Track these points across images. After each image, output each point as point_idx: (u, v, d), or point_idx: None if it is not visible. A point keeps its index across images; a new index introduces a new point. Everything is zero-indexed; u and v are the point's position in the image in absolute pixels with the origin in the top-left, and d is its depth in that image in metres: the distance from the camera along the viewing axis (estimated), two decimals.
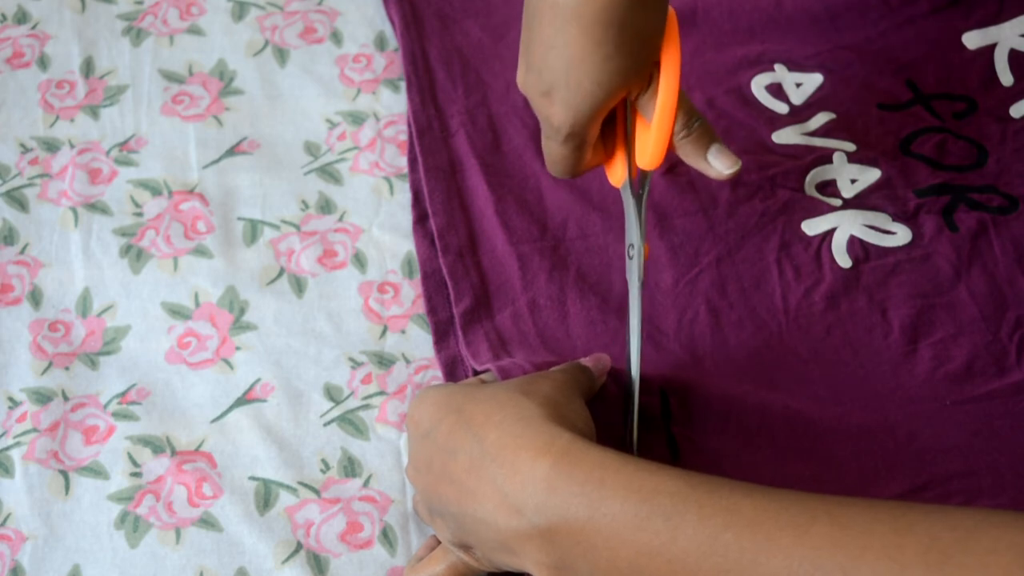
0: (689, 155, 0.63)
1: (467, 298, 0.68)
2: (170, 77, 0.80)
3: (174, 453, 0.65)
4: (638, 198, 0.62)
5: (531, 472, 0.50)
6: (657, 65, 0.59)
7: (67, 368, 0.67)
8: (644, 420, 0.62)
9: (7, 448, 0.65)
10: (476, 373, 0.66)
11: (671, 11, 0.59)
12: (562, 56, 0.57)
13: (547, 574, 0.50)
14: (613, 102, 0.59)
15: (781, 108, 0.76)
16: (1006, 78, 0.77)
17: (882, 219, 0.71)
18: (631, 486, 0.48)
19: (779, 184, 0.72)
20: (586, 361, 0.62)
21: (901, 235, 0.70)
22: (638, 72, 0.58)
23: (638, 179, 0.62)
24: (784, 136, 0.74)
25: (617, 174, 0.63)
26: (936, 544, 0.42)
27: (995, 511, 0.44)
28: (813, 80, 0.77)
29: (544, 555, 0.50)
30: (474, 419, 0.53)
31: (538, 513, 0.49)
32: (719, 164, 0.62)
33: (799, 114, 0.75)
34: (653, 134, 0.60)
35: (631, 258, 0.62)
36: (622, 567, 0.48)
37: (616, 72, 0.57)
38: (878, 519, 0.44)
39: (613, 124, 0.63)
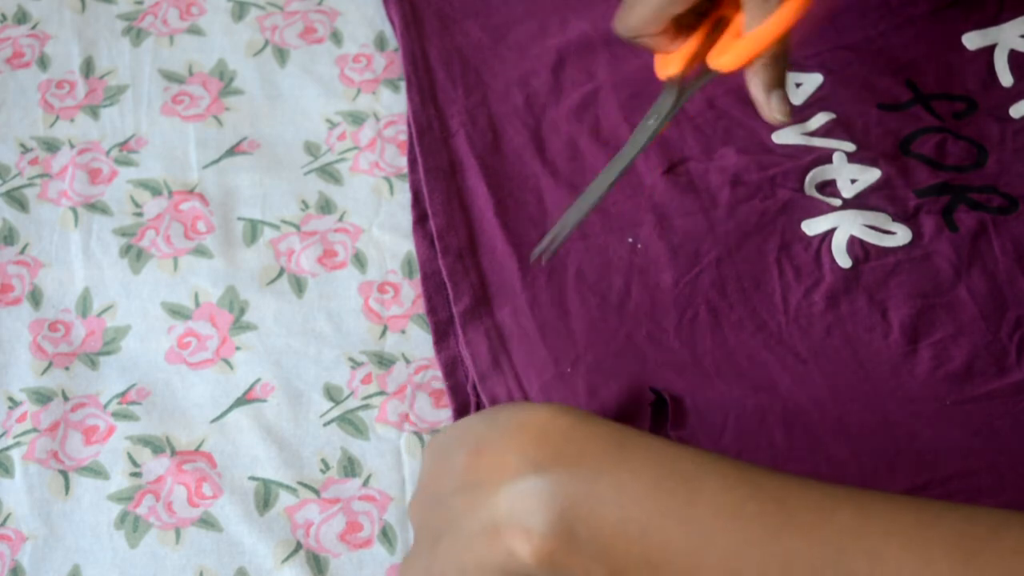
0: (755, 83, 0.63)
1: (466, 298, 0.68)
2: (170, 77, 0.80)
3: (174, 453, 0.65)
4: (681, 92, 0.63)
5: (545, 427, 0.46)
6: None
7: (67, 368, 0.67)
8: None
9: (7, 448, 0.65)
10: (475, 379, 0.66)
11: None
12: None
13: (536, 543, 0.45)
14: None
15: None
16: (1006, 79, 0.77)
17: (882, 219, 0.71)
18: (651, 448, 0.46)
19: (779, 184, 0.72)
20: None
21: (901, 235, 0.70)
22: None
23: (691, 77, 0.63)
24: (784, 136, 0.74)
25: (670, 66, 0.63)
26: (962, 540, 0.42)
27: (1018, 512, 0.43)
28: (813, 80, 0.77)
29: (540, 515, 0.45)
30: (486, 411, 0.50)
31: (545, 466, 0.45)
32: (777, 106, 0.63)
33: (799, 114, 0.75)
34: (748, 40, 0.60)
35: (646, 126, 0.62)
36: (631, 529, 0.45)
37: None
38: (902, 511, 0.43)
39: (693, 22, 0.64)
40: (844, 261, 0.69)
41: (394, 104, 0.79)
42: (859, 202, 0.71)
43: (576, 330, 0.67)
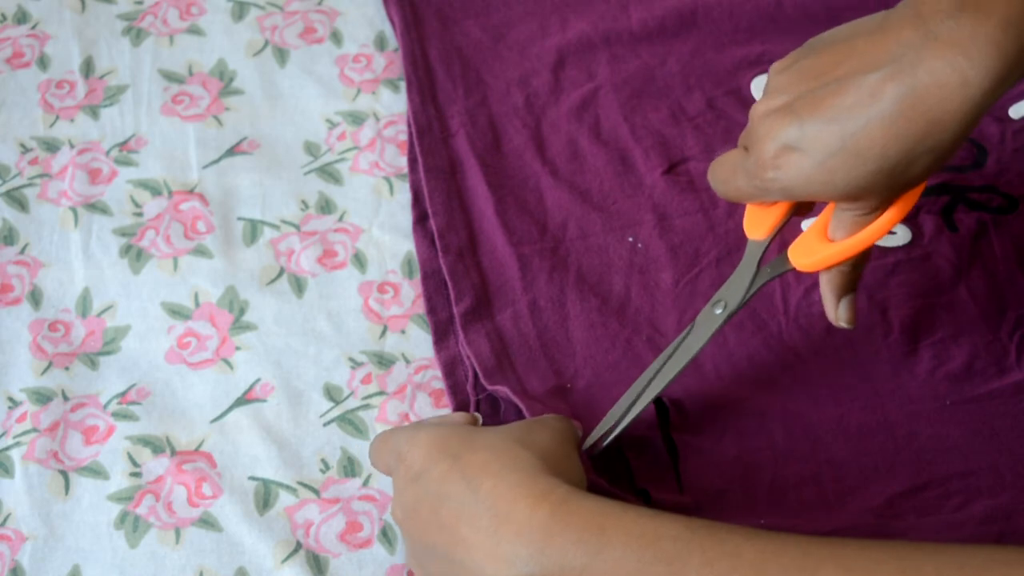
0: (829, 286, 0.61)
1: (468, 298, 0.68)
2: (170, 77, 0.80)
3: (174, 453, 0.65)
4: (753, 280, 0.60)
5: (528, 520, 0.49)
6: (895, 199, 0.55)
7: (67, 368, 0.67)
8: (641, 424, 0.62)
9: (7, 448, 0.65)
10: (476, 380, 0.65)
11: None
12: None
13: None
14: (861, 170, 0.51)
15: None
16: None
17: None
18: (632, 532, 0.48)
19: None
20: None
21: (901, 235, 0.70)
22: (894, 179, 0.52)
23: (767, 265, 0.60)
24: None
25: (758, 230, 0.61)
26: None
27: (1000, 548, 0.44)
28: None
29: None
30: (469, 467, 0.52)
31: (532, 561, 0.48)
32: (844, 314, 0.60)
33: None
34: (832, 249, 0.57)
35: (716, 312, 0.60)
36: None
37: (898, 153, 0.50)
38: (883, 561, 0.44)
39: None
40: None
41: (394, 104, 0.79)
42: None
43: (576, 338, 0.67)
